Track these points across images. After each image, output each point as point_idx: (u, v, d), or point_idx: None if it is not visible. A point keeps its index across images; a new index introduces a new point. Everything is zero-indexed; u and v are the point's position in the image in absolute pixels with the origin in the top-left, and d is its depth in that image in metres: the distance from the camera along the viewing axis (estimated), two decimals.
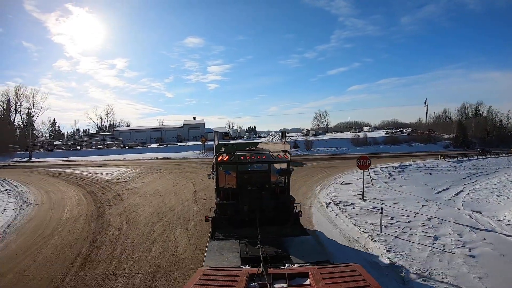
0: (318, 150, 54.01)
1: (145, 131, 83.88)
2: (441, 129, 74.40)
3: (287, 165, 8.10)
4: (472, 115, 75.86)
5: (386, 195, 17.49)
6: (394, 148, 58.65)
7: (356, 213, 13.29)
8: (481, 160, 36.57)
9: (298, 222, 7.96)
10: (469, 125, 66.87)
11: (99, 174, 25.45)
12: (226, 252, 5.74)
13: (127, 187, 19.42)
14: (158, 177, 23.00)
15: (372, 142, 61.59)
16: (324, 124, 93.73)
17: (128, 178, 23.00)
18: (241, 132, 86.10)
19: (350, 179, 21.49)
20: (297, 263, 4.99)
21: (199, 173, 24.08)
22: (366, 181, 20.49)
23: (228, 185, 8.01)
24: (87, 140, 59.17)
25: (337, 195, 16.68)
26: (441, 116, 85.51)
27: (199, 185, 19.10)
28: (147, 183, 20.65)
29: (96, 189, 19.19)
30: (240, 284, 3.54)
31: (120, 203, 15.38)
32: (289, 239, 6.32)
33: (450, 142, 62.36)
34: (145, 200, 15.68)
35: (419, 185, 21.07)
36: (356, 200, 15.74)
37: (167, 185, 19.45)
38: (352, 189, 18.32)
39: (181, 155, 45.57)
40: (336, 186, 19.32)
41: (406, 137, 65.14)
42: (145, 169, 27.88)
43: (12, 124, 68.31)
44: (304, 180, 21.12)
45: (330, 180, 21.61)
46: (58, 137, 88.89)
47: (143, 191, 18.10)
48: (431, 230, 11.08)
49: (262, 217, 7.14)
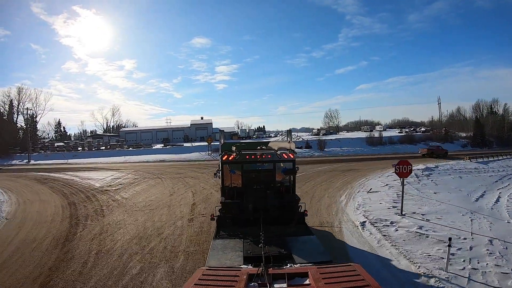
0: (332, 150, 50.67)
1: (151, 132, 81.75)
2: (456, 127, 72.00)
3: (292, 164, 8.03)
4: (487, 113, 73.53)
5: (425, 206, 14.23)
6: (410, 148, 55.44)
7: (403, 237, 9.98)
8: (507, 160, 33.17)
9: (303, 221, 7.86)
10: (487, 123, 64.09)
11: (90, 180, 22.62)
12: (229, 251, 5.69)
13: (114, 197, 16.42)
14: (154, 183, 19.96)
15: (387, 141, 58.53)
16: (335, 123, 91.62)
17: (120, 185, 20.03)
18: (249, 132, 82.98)
19: (377, 186, 18.17)
20: (299, 263, 4.91)
21: (202, 179, 20.96)
22: (396, 188, 17.27)
23: (234, 184, 7.99)
24: (89, 141, 56.77)
25: (368, 208, 13.36)
26: (454, 114, 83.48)
27: (200, 195, 15.93)
28: (140, 191, 17.61)
29: (79, 200, 16.29)
30: (239, 284, 3.52)
31: (99, 221, 12.36)
32: (293, 239, 6.26)
33: (467, 141, 59.34)
34: (130, 217, 12.61)
35: (453, 191, 17.99)
36: (394, 215, 12.45)
37: (162, 195, 16.36)
38: (384, 199, 15.00)
39: (186, 156, 42.66)
40: (364, 195, 15.94)
41: (422, 136, 61.87)
42: (142, 173, 24.92)
43: (15, 125, 66.75)
44: (324, 187, 17.77)
45: (354, 187, 18.24)
46: (64, 138, 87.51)
47: (132, 203, 15.05)
48: (502, 260, 8.32)
49: (267, 216, 7.12)
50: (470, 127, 65.64)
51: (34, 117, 74.25)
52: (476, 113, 75.13)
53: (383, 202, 14.49)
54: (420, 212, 13.15)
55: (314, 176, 21.78)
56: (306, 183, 19.05)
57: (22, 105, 69.83)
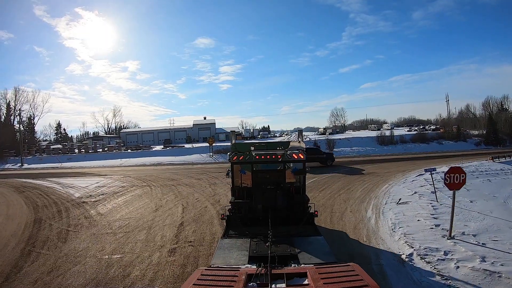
0: (341, 150, 47.43)
1: (153, 133, 79.31)
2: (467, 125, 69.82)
3: (303, 164, 7.85)
4: (497, 110, 71.35)
5: (469, 221, 11.20)
6: (423, 147, 52.68)
7: (470, 280, 6.96)
8: None
9: (313, 222, 7.59)
10: (499, 121, 61.09)
11: (72, 188, 19.84)
12: (235, 250, 5.62)
13: (89, 213, 13.53)
14: (141, 193, 17.02)
15: (398, 140, 55.25)
16: (341, 122, 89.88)
17: (101, 195, 17.15)
18: (254, 132, 80.00)
19: (404, 194, 15.11)
20: (303, 263, 4.87)
21: (197, 188, 17.96)
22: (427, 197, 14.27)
23: (244, 184, 7.92)
24: (85, 144, 54.17)
25: (407, 229, 10.24)
26: (463, 111, 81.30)
27: (191, 211, 12.90)
28: (121, 205, 14.68)
29: (48, 215, 13.51)
30: (238, 284, 3.52)
31: (57, 250, 9.46)
32: (300, 239, 6.11)
33: (480, 139, 56.33)
34: (96, 244, 9.65)
35: (488, 198, 15.11)
36: (442, 239, 9.37)
37: (145, 210, 13.39)
38: (420, 214, 11.93)
39: (185, 158, 39.73)
40: (394, 208, 12.83)
41: (434, 134, 58.94)
42: (132, 180, 22.03)
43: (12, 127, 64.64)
44: (343, 198, 14.64)
45: (378, 196, 15.13)
46: (65, 140, 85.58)
47: (106, 221, 12.11)
48: None
49: (276, 216, 7.04)
50: (482, 125, 63.56)
51: (31, 119, 72.35)
52: (486, 110, 72.99)
53: (421, 218, 11.38)
54: (469, 232, 10.11)
55: (328, 182, 18.67)
56: (321, 191, 15.97)
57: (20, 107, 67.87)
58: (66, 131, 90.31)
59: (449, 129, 61.28)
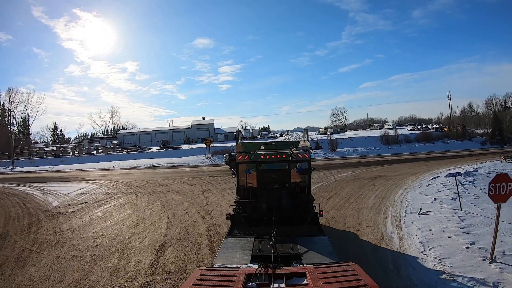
0: (344, 151, 45.73)
1: (151, 134, 77.47)
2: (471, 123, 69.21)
3: (308, 164, 7.74)
4: (500, 108, 70.59)
5: (505, 235, 9.28)
6: (429, 146, 51.47)
7: None
8: None
9: (317, 221, 7.50)
10: (504, 119, 60.38)
11: (52, 195, 18.02)
12: (238, 250, 5.58)
13: (61, 227, 11.67)
14: (125, 202, 15.14)
15: (403, 139, 53.83)
16: (342, 121, 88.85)
17: (81, 204, 15.28)
18: (253, 132, 78.13)
19: (422, 202, 13.36)
20: (306, 263, 4.82)
21: (189, 195, 16.06)
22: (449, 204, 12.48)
23: (249, 184, 7.78)
24: (79, 146, 52.34)
25: (438, 249, 8.37)
26: (466, 109, 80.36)
27: (178, 225, 10.94)
28: (99, 217, 12.77)
29: (17, 230, 11.76)
30: (237, 284, 3.49)
31: (8, 278, 7.62)
32: (304, 239, 6.01)
33: (485, 138, 55.27)
34: (56, 272, 7.72)
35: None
36: (482, 263, 7.59)
37: (125, 224, 11.47)
38: (448, 228, 10.07)
39: (181, 160, 37.88)
40: (416, 221, 10.93)
41: (439, 133, 57.50)
42: (119, 186, 20.15)
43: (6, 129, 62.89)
44: (355, 207, 12.71)
45: (395, 204, 13.25)
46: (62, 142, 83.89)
47: (77, 239, 10.20)
48: None
49: (281, 216, 7.01)
50: (486, 123, 62.89)
51: (26, 120, 70.62)
52: (489, 109, 72.44)
53: (451, 234, 9.48)
54: (510, 250, 8.25)
55: (336, 188, 16.75)
56: (329, 199, 14.07)
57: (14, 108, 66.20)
58: (63, 133, 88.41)
59: (453, 128, 59.94)
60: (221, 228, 10.18)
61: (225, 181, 20.00)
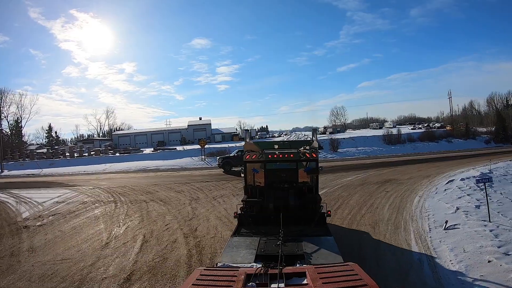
0: (346, 151, 43.88)
1: (146, 134, 75.66)
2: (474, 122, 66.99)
3: (316, 163, 7.76)
4: (502, 106, 69.95)
5: None
6: (433, 146, 49.74)
7: None
8: None
9: (324, 222, 7.35)
10: (506, 117, 58.77)
11: (26, 204, 16.21)
12: (243, 249, 5.52)
13: (20, 246, 9.86)
14: (100, 214, 13.25)
15: (406, 139, 52.07)
16: (342, 120, 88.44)
17: (52, 215, 13.42)
18: (251, 132, 76.30)
19: (445, 213, 11.50)
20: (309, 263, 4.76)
21: (174, 204, 14.16)
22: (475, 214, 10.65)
23: (256, 183, 7.85)
24: (71, 147, 50.44)
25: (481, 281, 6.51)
26: (467, 108, 79.43)
27: (153, 248, 8.98)
28: (66, 233, 10.89)
29: None
30: (237, 284, 3.46)
31: None
32: (310, 239, 5.89)
33: (489, 136, 53.75)
34: None
35: None
36: None
37: (92, 245, 9.55)
38: (484, 248, 8.32)
39: (175, 163, 35.94)
40: (444, 238, 9.09)
41: (442, 132, 56.00)
42: (100, 192, 18.24)
43: None
44: (369, 221, 10.81)
45: (415, 216, 11.43)
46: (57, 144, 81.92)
47: (31, 264, 8.32)
48: None
49: (288, 216, 6.87)
50: (489, 122, 61.05)
51: (19, 121, 68.73)
52: (491, 107, 71.63)
53: (491, 257, 7.69)
54: None
55: (343, 195, 14.88)
56: (337, 210, 12.20)
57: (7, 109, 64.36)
58: (58, 135, 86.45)
59: (457, 126, 58.60)
60: (205, 252, 8.30)
61: (218, 187, 18.08)
